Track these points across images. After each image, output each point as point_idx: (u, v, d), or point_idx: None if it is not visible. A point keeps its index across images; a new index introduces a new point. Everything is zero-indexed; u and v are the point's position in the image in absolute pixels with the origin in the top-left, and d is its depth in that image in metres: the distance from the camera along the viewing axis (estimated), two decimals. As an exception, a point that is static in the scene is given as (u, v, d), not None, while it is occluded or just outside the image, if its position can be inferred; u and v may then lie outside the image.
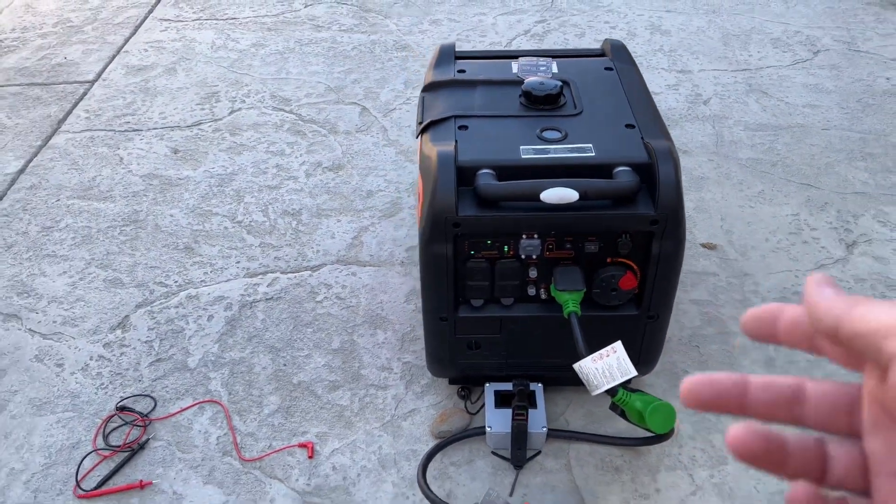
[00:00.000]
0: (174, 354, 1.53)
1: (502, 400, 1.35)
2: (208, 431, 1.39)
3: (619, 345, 1.11)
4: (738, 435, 0.32)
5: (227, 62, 2.53)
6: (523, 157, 1.18)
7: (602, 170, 1.16)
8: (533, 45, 2.60)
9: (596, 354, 1.11)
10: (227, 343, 1.55)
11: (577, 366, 1.12)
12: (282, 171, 2.03)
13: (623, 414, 1.19)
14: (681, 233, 1.17)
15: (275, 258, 1.75)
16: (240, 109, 2.29)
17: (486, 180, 1.14)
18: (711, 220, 1.83)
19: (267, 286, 1.68)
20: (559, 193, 1.12)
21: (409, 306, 1.62)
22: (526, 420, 1.26)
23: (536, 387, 1.35)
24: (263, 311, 1.62)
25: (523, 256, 1.20)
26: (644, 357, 1.31)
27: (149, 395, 1.45)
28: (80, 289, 1.68)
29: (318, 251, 1.77)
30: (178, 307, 1.63)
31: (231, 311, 1.62)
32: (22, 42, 2.70)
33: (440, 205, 1.14)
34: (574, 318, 1.17)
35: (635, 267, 1.21)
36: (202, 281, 1.70)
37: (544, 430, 1.30)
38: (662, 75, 2.40)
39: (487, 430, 1.31)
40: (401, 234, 1.81)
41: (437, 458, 1.32)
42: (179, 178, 2.01)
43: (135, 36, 2.72)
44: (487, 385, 1.37)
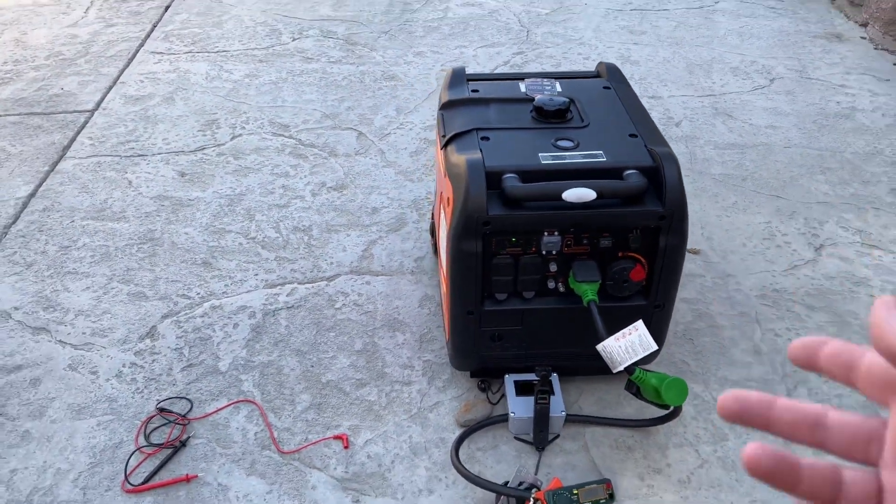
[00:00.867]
0: (205, 360, 1.61)
1: (522, 389, 1.46)
2: (245, 428, 1.46)
3: (640, 323, 1.24)
4: (752, 453, 0.34)
5: (223, 91, 2.64)
6: (543, 162, 1.32)
7: (613, 173, 1.31)
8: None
9: (619, 333, 1.24)
10: (255, 348, 1.63)
11: (600, 346, 1.25)
12: (288, 191, 2.14)
13: (638, 392, 1.31)
14: (684, 228, 1.32)
15: (291, 270, 1.85)
16: (241, 135, 2.39)
17: (512, 182, 1.28)
18: (693, 229, 2.00)
19: (287, 296, 1.77)
20: (579, 193, 1.26)
21: (424, 310, 1.73)
22: (548, 404, 1.38)
23: (553, 376, 1.47)
24: (286, 318, 1.71)
25: (544, 252, 1.33)
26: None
27: (184, 398, 1.52)
28: (105, 302, 1.75)
29: (332, 263, 1.87)
30: (203, 317, 1.71)
31: (255, 318, 1.71)
32: (16, 74, 2.76)
33: (472, 205, 1.27)
34: (593, 306, 1.30)
35: (644, 260, 1.35)
36: (224, 292, 1.78)
37: (563, 413, 1.42)
38: (636, 101, 2.59)
39: (511, 415, 1.42)
40: (408, 245, 1.93)
41: (465, 444, 1.42)
42: (190, 199, 2.09)
43: (129, 68, 2.80)
44: (507, 376, 1.48)
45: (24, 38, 3.03)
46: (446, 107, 1.53)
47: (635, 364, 1.25)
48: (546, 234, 1.31)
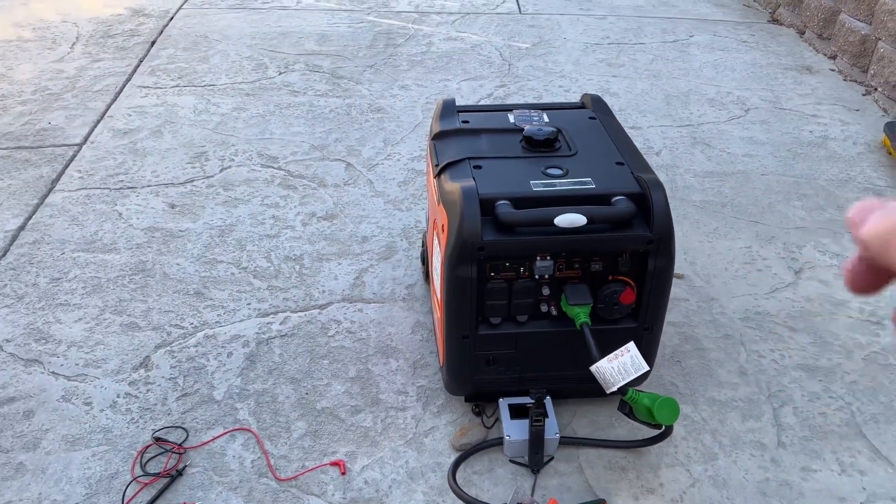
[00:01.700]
0: (199, 389, 1.61)
1: (516, 412, 1.49)
2: (242, 456, 1.47)
3: (631, 344, 1.28)
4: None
5: (211, 124, 2.67)
6: (534, 189, 1.37)
7: (602, 199, 1.35)
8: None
9: (611, 355, 1.27)
10: (249, 376, 1.64)
11: (594, 367, 1.28)
12: (279, 221, 2.16)
13: (630, 412, 1.34)
14: (672, 251, 1.36)
15: (283, 299, 1.87)
16: (230, 167, 2.42)
17: (505, 209, 1.32)
18: (677, 254, 2.04)
19: (280, 324, 1.79)
20: (570, 218, 1.30)
21: (416, 337, 1.76)
22: (543, 426, 1.41)
23: (546, 399, 1.50)
24: (280, 346, 1.72)
25: (537, 276, 1.37)
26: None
27: (180, 427, 1.52)
28: (97, 333, 1.75)
29: (324, 291, 1.89)
30: (196, 346, 1.72)
31: (248, 347, 1.72)
32: (2, 108, 2.77)
33: (467, 231, 1.30)
34: (586, 328, 1.33)
35: (633, 283, 1.39)
36: (217, 322, 1.79)
37: (557, 436, 1.45)
38: (617, 131, 2.66)
39: (506, 438, 1.44)
40: (399, 273, 1.96)
41: (461, 468, 1.44)
42: (180, 230, 2.11)
43: (116, 102, 2.82)
44: (501, 400, 1.51)
45: (9, 73, 3.04)
46: (438, 137, 1.57)
47: (628, 385, 1.28)
48: (539, 258, 1.35)
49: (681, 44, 3.41)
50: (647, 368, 1.27)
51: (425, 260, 1.83)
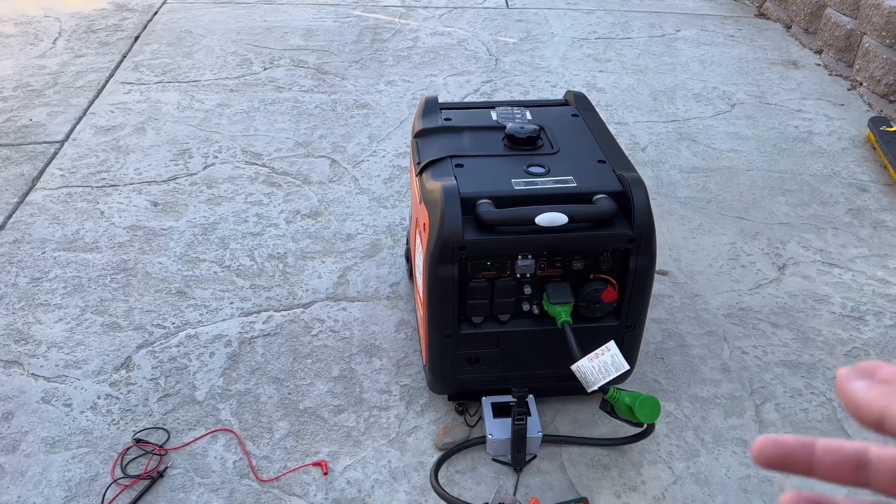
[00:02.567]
0: (181, 389, 1.60)
1: (499, 411, 1.48)
2: (224, 457, 1.46)
3: (612, 343, 1.27)
4: (759, 445, 0.33)
5: (195, 121, 2.65)
6: (516, 188, 1.36)
7: (584, 198, 1.35)
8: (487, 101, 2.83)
9: (591, 354, 1.27)
10: (232, 377, 1.63)
11: (575, 366, 1.28)
12: (262, 219, 2.15)
13: (612, 411, 1.34)
14: (653, 249, 1.36)
15: (266, 298, 1.86)
16: (213, 164, 2.40)
17: (486, 208, 1.31)
18: (661, 250, 2.04)
19: (263, 323, 1.78)
20: (551, 217, 1.29)
21: (400, 335, 1.75)
22: (526, 424, 1.40)
23: (529, 397, 1.50)
24: (262, 346, 1.71)
25: (519, 275, 1.37)
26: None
27: (161, 428, 1.51)
28: (78, 334, 1.73)
29: (308, 290, 1.88)
30: (178, 346, 1.71)
31: (231, 347, 1.71)
32: (-17, 105, 2.74)
33: (448, 231, 1.30)
34: (567, 327, 1.33)
35: (615, 282, 1.39)
36: (199, 321, 1.78)
37: (540, 434, 1.45)
38: (603, 127, 2.66)
39: (489, 437, 1.44)
40: (383, 271, 1.95)
41: (444, 467, 1.44)
42: (163, 229, 2.09)
43: (99, 98, 2.80)
44: (484, 399, 1.50)
45: (-9, 69, 3.01)
46: (420, 135, 1.57)
47: (608, 384, 1.28)
48: (520, 257, 1.35)
49: (668, 38, 3.40)
50: (627, 367, 1.27)
51: (409, 258, 1.82)
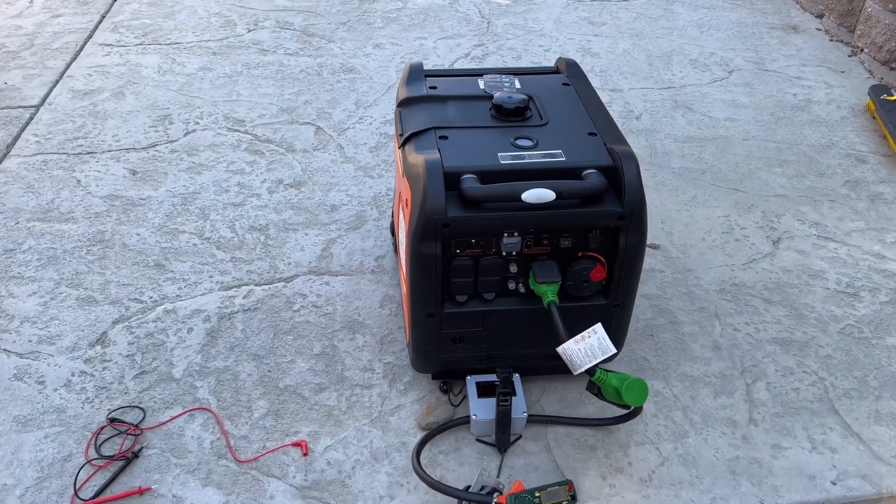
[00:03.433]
0: (158, 366, 1.56)
1: (483, 390, 1.45)
2: (201, 437, 1.42)
3: (599, 326, 1.23)
4: None
5: (175, 85, 2.56)
6: (502, 162, 1.30)
7: (572, 173, 1.29)
8: (474, 67, 2.74)
9: (578, 337, 1.23)
10: (210, 353, 1.59)
11: (560, 349, 1.24)
12: (244, 188, 2.08)
13: (599, 393, 1.31)
14: (644, 227, 1.31)
15: (247, 271, 1.80)
16: (194, 131, 2.32)
17: (471, 184, 1.25)
18: (653, 223, 2.00)
19: (243, 298, 1.73)
20: (538, 193, 1.24)
21: (385, 311, 1.71)
22: (510, 405, 1.37)
23: (514, 377, 1.46)
24: (242, 321, 1.67)
25: (504, 253, 1.32)
26: (612, 343, 1.44)
27: (137, 407, 1.47)
28: (52, 308, 1.68)
29: (290, 263, 1.83)
30: (156, 321, 1.66)
31: (210, 322, 1.66)
32: (-44, 67, 2.64)
33: (431, 208, 1.24)
34: (554, 307, 1.28)
35: (604, 260, 1.34)
36: (177, 296, 1.73)
37: (525, 414, 1.41)
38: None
39: (472, 418, 1.41)
40: (368, 244, 1.90)
41: (427, 447, 1.40)
42: (141, 199, 2.03)
43: (76, 61, 2.70)
44: (469, 378, 1.47)
45: (-36, 29, 2.90)
46: (404, 104, 1.50)
47: (595, 366, 1.24)
48: (506, 235, 1.29)
49: (665, 1, 3.30)
50: (613, 351, 1.23)
51: (394, 231, 1.77)
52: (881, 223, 2.03)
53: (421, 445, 1.37)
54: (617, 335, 1.44)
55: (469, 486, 1.32)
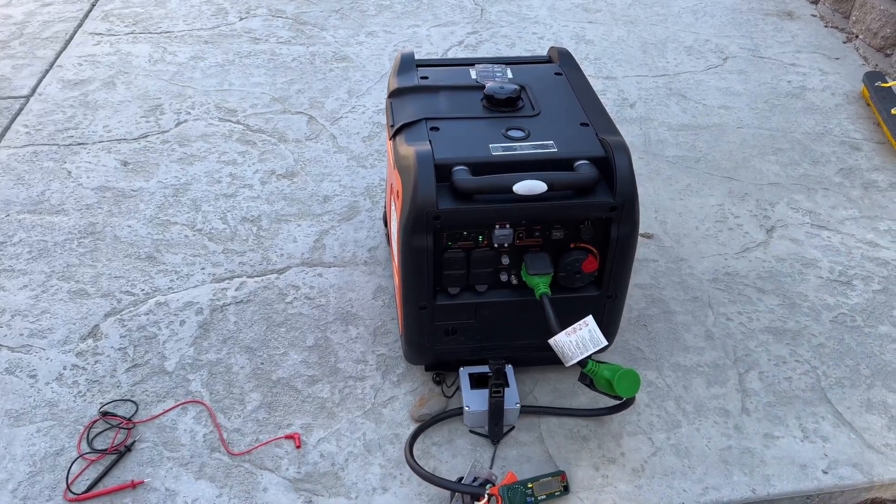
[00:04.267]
0: (150, 359, 1.55)
1: (477, 381, 1.45)
2: (194, 430, 1.42)
3: (590, 318, 1.23)
4: None
5: (167, 75, 2.54)
6: (493, 153, 1.29)
7: (564, 164, 1.29)
8: (468, 55, 2.73)
9: (569, 329, 1.23)
10: (203, 346, 1.59)
11: (552, 340, 1.24)
12: (236, 179, 2.07)
13: (591, 384, 1.31)
14: (636, 218, 1.30)
15: (239, 263, 1.80)
16: (186, 121, 2.31)
17: (462, 175, 1.25)
18: (647, 213, 2.00)
19: (235, 290, 1.72)
20: (530, 185, 1.23)
21: (378, 302, 1.70)
22: (503, 397, 1.37)
23: (507, 368, 1.46)
24: (235, 313, 1.66)
25: (496, 245, 1.31)
26: (604, 334, 1.44)
27: (129, 400, 1.47)
28: (43, 301, 1.68)
29: (282, 255, 1.83)
30: (147, 314, 1.65)
31: (202, 315, 1.66)
32: (-55, 57, 2.62)
33: (422, 200, 1.23)
34: (546, 299, 1.28)
35: (596, 251, 1.34)
36: (169, 288, 1.72)
37: (517, 406, 1.41)
38: (590, 81, 2.57)
39: (465, 409, 1.41)
40: (361, 235, 1.89)
41: (420, 439, 1.40)
42: (133, 190, 2.02)
43: (66, 50, 2.68)
44: (462, 369, 1.46)
45: (-47, 19, 2.87)
46: (395, 94, 1.49)
47: (587, 358, 1.24)
48: (498, 227, 1.29)
49: (660, -13, 3.28)
50: (605, 343, 1.23)
51: (387, 222, 1.76)
52: (874, 211, 2.03)
53: (414, 437, 1.37)
54: (609, 326, 1.44)
55: (462, 478, 1.32)
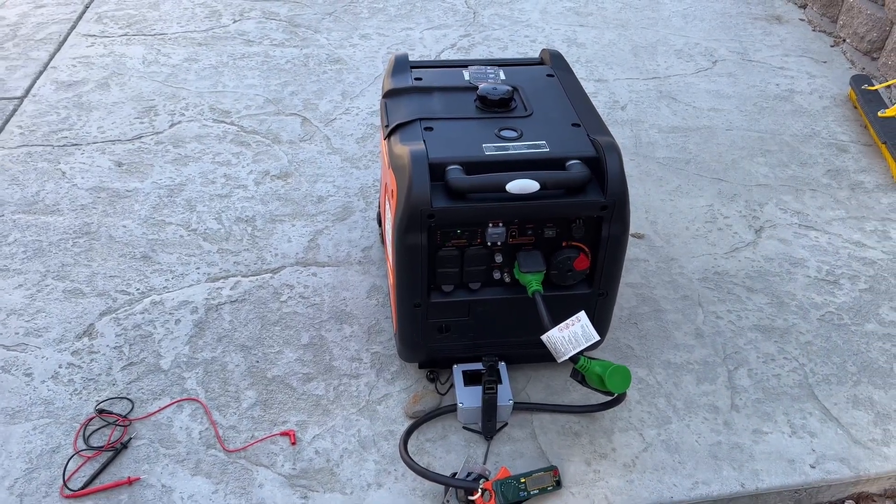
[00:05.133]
0: (146, 358, 1.56)
1: (470, 379, 1.46)
2: (189, 427, 1.43)
3: (582, 314, 1.25)
4: None
5: (161, 76, 2.55)
6: (487, 153, 1.31)
7: (556, 163, 1.31)
8: (462, 58, 2.75)
9: (562, 325, 1.25)
10: (198, 344, 1.60)
11: (545, 336, 1.26)
12: (230, 180, 2.08)
13: (583, 380, 1.32)
14: (626, 217, 1.33)
15: (234, 263, 1.81)
16: (180, 122, 2.32)
17: (456, 175, 1.27)
18: (637, 213, 2.02)
19: (230, 289, 1.73)
20: (522, 184, 1.25)
21: (372, 301, 1.72)
22: (496, 393, 1.39)
23: (500, 365, 1.48)
24: (230, 312, 1.68)
25: (489, 243, 1.33)
26: (595, 330, 1.46)
27: (125, 398, 1.48)
28: (38, 300, 1.68)
29: (277, 254, 1.84)
30: (143, 313, 1.67)
31: (197, 314, 1.67)
32: (-62, 58, 2.62)
33: (416, 199, 1.25)
34: (538, 297, 1.30)
35: (587, 249, 1.36)
36: (164, 287, 1.73)
37: (510, 402, 1.43)
38: (582, 84, 2.59)
39: (459, 406, 1.42)
40: (355, 235, 1.91)
41: (414, 435, 1.42)
42: (127, 191, 2.03)
43: (60, 52, 2.69)
44: (455, 366, 1.48)
45: (-54, 20, 2.88)
46: (389, 95, 1.51)
47: (579, 354, 1.26)
48: (491, 225, 1.31)
49: (650, -9, 3.31)
50: (597, 338, 1.25)
51: (381, 221, 1.78)
52: (861, 212, 2.06)
53: (408, 433, 1.39)
54: (601, 323, 1.46)
55: (456, 473, 1.34)
